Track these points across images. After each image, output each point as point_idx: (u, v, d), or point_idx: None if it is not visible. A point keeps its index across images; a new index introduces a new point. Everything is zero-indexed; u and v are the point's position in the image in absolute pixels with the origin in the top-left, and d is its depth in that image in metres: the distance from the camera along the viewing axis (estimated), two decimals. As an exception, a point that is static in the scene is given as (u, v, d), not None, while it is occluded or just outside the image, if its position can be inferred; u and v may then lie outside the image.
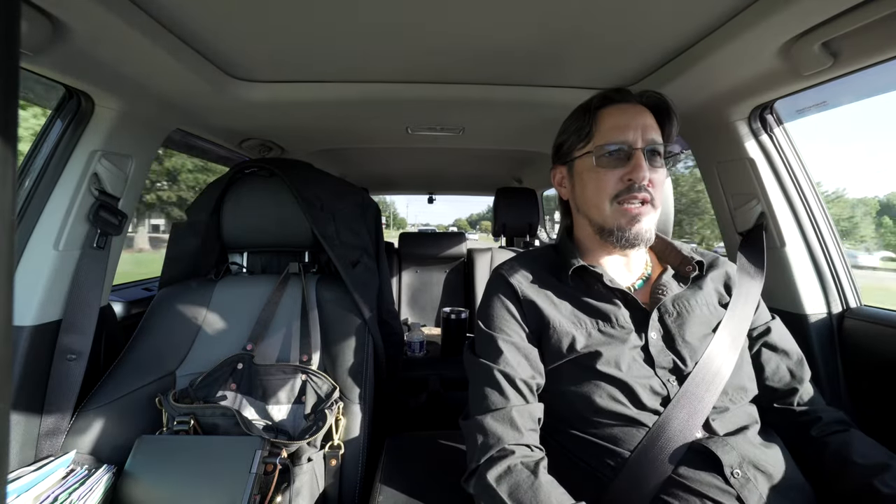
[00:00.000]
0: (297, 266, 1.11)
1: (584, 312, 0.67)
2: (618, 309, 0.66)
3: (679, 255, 0.73)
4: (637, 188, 0.63)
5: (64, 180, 0.85)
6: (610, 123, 0.66)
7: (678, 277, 0.71)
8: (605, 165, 0.66)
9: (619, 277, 0.70)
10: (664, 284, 0.69)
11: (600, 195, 0.66)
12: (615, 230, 0.66)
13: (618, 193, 0.65)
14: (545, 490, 0.53)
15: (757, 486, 0.55)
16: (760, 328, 0.71)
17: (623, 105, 0.68)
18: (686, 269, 0.71)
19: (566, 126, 0.73)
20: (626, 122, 0.65)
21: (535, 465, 0.57)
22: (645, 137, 0.64)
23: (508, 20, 0.71)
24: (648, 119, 0.67)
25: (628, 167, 0.64)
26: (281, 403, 0.89)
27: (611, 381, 0.61)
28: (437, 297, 2.24)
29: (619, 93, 0.69)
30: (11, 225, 0.17)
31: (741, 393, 0.64)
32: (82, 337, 0.85)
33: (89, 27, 0.63)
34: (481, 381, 0.66)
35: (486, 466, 0.58)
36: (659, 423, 0.59)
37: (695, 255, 0.72)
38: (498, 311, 0.70)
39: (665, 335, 0.65)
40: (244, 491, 0.69)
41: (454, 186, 3.14)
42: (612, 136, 0.65)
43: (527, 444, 0.60)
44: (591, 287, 0.69)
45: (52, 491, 0.65)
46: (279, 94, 0.99)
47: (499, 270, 0.75)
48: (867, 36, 0.61)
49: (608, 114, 0.68)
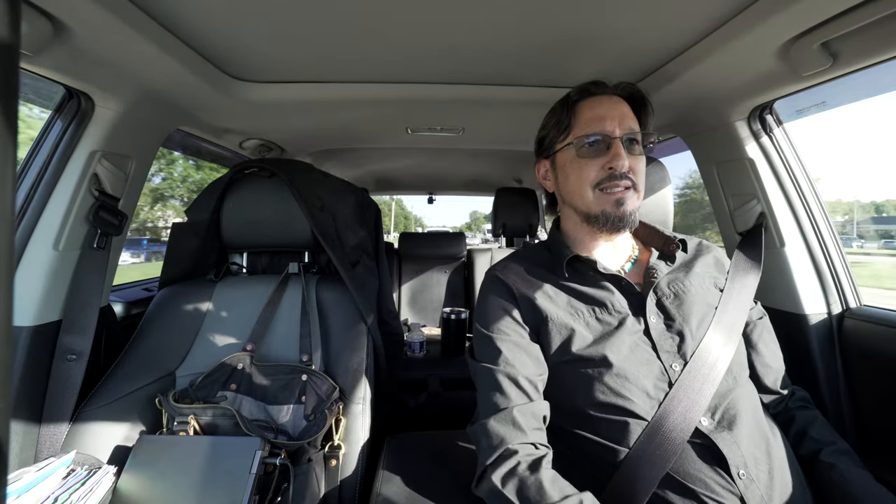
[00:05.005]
0: (297, 266, 1.11)
1: (580, 302, 0.68)
2: (612, 294, 0.67)
3: (662, 236, 0.75)
4: (619, 175, 0.65)
5: (64, 180, 0.85)
6: (588, 115, 0.68)
7: (664, 257, 0.73)
8: (585, 155, 0.67)
9: (609, 263, 0.72)
10: (654, 267, 0.70)
11: (582, 184, 0.68)
12: (600, 215, 0.67)
13: (599, 181, 0.66)
14: (548, 485, 0.54)
15: (759, 487, 0.55)
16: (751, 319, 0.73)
17: (600, 97, 0.70)
18: (671, 248, 0.73)
19: (546, 121, 0.76)
20: (604, 112, 0.67)
21: (537, 462, 0.57)
22: (622, 126, 0.66)
23: (508, 21, 0.71)
24: (625, 108, 0.69)
25: (608, 156, 0.66)
26: (281, 404, 0.89)
27: (612, 371, 0.61)
28: (437, 297, 2.24)
29: (595, 85, 0.71)
30: (11, 225, 0.17)
31: (742, 371, 0.66)
32: (82, 337, 0.85)
33: (89, 27, 0.63)
34: (483, 384, 0.66)
35: (492, 469, 0.58)
36: (658, 416, 0.59)
37: (676, 235, 0.74)
38: (494, 311, 0.70)
39: (666, 318, 0.66)
40: (244, 491, 0.69)
41: (454, 186, 3.14)
42: (590, 126, 0.67)
43: (531, 443, 0.60)
44: (585, 276, 0.70)
45: (52, 491, 0.64)
46: (279, 94, 0.99)
47: (492, 271, 0.76)
48: (866, 36, 0.61)
49: (586, 106, 0.69)
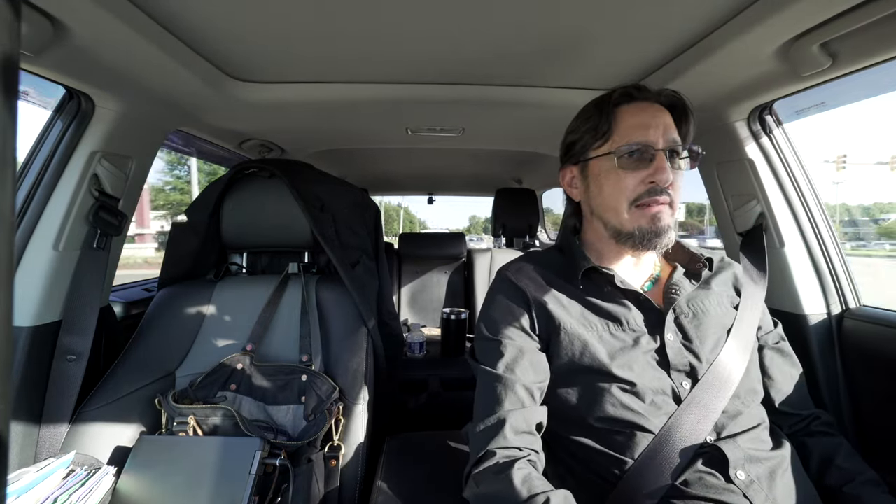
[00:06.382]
0: (296, 266, 1.11)
1: (594, 315, 0.65)
2: (629, 311, 0.64)
3: (688, 252, 0.70)
4: (659, 191, 0.60)
5: (64, 181, 0.85)
6: (631, 122, 0.62)
7: (689, 275, 0.69)
8: (626, 167, 0.61)
9: (630, 279, 0.68)
10: (676, 284, 0.67)
11: (619, 198, 0.62)
12: (636, 232, 0.62)
13: (638, 196, 0.61)
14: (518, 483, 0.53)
15: (762, 487, 0.55)
16: (764, 334, 0.71)
17: (643, 103, 0.64)
18: (696, 267, 0.69)
19: (577, 124, 0.69)
20: (647, 120, 0.62)
21: (511, 462, 0.56)
22: (666, 137, 0.61)
23: (508, 21, 0.71)
24: (668, 118, 0.63)
25: (650, 169, 0.60)
26: (281, 404, 0.89)
27: (622, 386, 0.60)
28: (437, 297, 2.24)
29: (638, 90, 0.65)
30: (11, 225, 0.17)
31: (753, 396, 0.63)
32: (82, 337, 0.85)
33: (89, 28, 0.63)
34: (482, 387, 0.65)
35: (473, 472, 0.59)
36: (666, 428, 0.57)
37: (704, 252, 0.70)
38: (502, 314, 0.67)
39: (683, 337, 0.64)
40: (244, 492, 0.69)
41: (454, 187, 3.14)
42: (633, 135, 0.61)
43: (515, 447, 0.58)
44: (601, 289, 0.66)
45: (52, 492, 0.64)
46: (279, 94, 0.99)
47: (504, 272, 0.72)
48: (866, 37, 0.61)
49: (628, 112, 0.63)
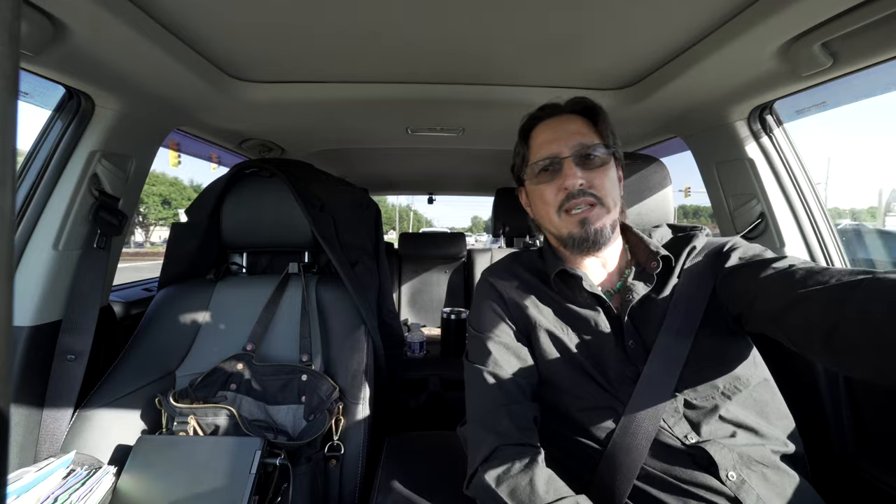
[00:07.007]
0: (296, 266, 1.11)
1: (566, 317, 0.68)
2: (597, 314, 0.66)
3: (646, 249, 0.68)
4: (576, 194, 0.65)
5: (64, 181, 0.85)
6: (538, 140, 0.70)
7: (643, 276, 0.67)
8: (542, 181, 0.68)
9: (599, 279, 0.70)
10: (630, 287, 0.66)
11: (547, 209, 0.69)
12: (567, 238, 0.67)
13: (560, 204, 0.67)
14: (543, 486, 0.54)
15: (753, 487, 0.55)
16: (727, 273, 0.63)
17: (549, 120, 0.71)
18: (651, 266, 0.66)
19: (514, 150, 0.77)
20: (552, 136, 0.68)
21: (531, 462, 0.57)
22: (570, 144, 0.66)
23: (508, 21, 0.71)
24: (575, 125, 0.68)
25: (560, 178, 0.66)
26: (281, 404, 0.89)
27: (593, 380, 0.63)
28: (437, 297, 2.24)
29: (543, 110, 0.72)
30: (11, 225, 0.17)
31: (735, 382, 0.60)
32: (82, 337, 0.85)
33: (89, 27, 0.64)
34: (475, 385, 0.66)
35: (484, 469, 0.58)
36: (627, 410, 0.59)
37: (661, 250, 0.67)
38: (486, 314, 0.71)
39: (639, 341, 0.63)
40: (244, 491, 0.69)
41: (454, 187, 3.14)
42: (541, 151, 0.68)
43: (523, 444, 0.60)
44: (573, 291, 0.69)
45: (52, 491, 0.64)
46: (279, 94, 0.99)
47: (484, 275, 0.77)
48: (866, 36, 0.61)
49: (537, 132, 0.71)
